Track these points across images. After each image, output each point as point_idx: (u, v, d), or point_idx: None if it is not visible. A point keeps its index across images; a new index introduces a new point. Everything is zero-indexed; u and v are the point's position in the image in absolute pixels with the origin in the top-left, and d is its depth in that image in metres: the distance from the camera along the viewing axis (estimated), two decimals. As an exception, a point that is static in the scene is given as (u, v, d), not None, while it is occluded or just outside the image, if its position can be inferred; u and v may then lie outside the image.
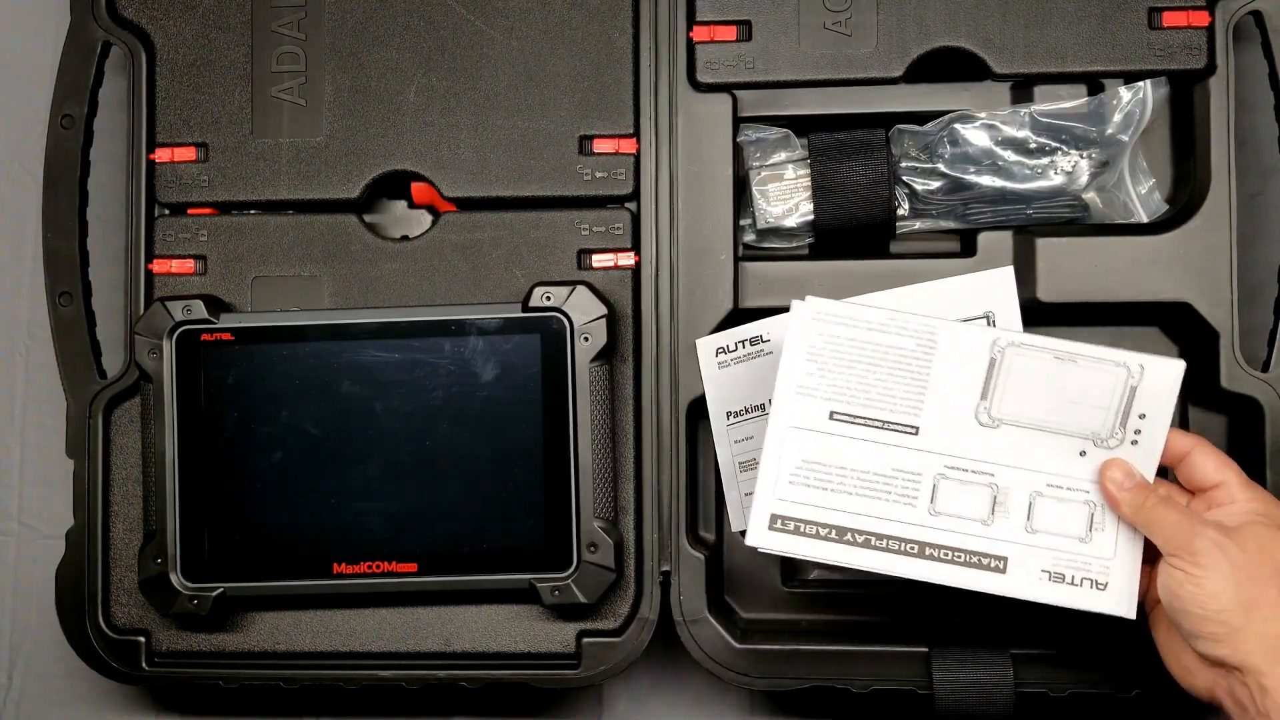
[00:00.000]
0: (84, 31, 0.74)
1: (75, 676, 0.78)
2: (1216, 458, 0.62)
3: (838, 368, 0.63)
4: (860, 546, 0.63)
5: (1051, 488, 0.63)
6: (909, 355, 0.63)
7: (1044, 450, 0.63)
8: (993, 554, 0.63)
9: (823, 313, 0.63)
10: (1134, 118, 0.70)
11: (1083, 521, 0.63)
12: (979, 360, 0.63)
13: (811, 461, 0.63)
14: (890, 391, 0.63)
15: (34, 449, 0.81)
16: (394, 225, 0.76)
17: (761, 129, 0.73)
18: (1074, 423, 0.63)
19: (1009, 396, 0.63)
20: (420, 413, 0.69)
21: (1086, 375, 0.62)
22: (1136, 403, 0.62)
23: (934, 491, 0.63)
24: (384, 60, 0.73)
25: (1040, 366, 0.62)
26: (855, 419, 0.63)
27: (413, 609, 0.72)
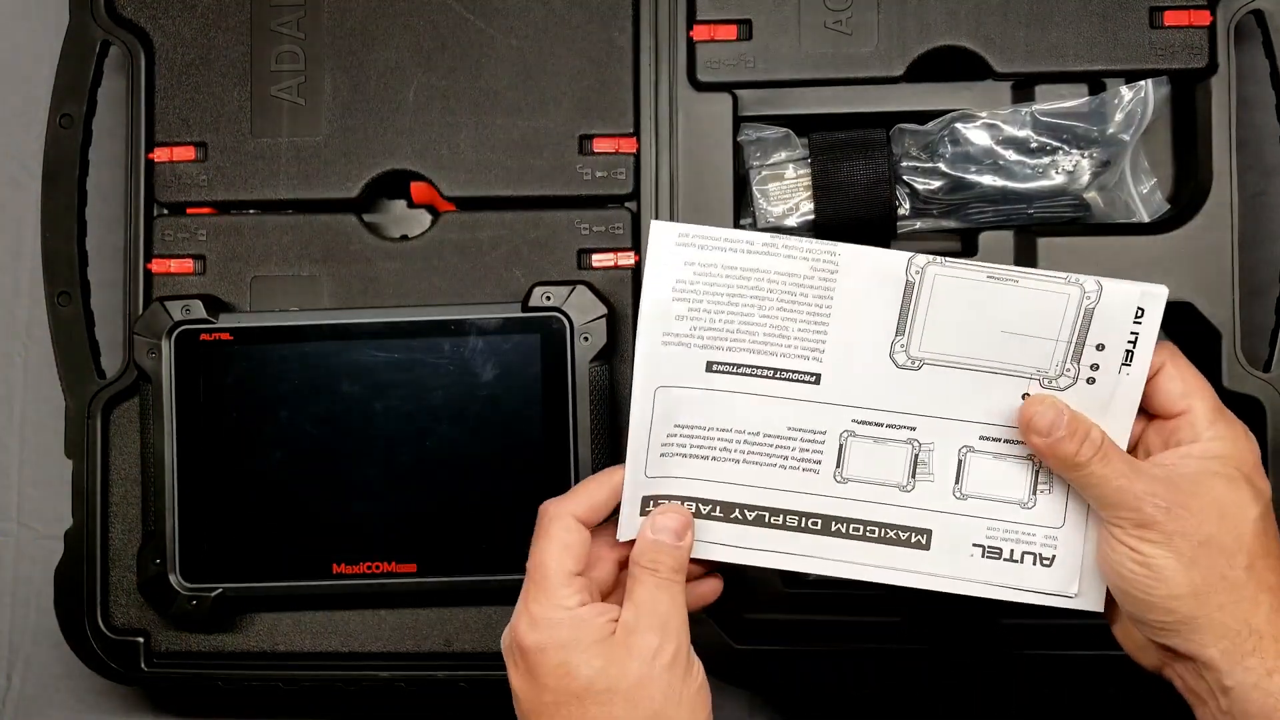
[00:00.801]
0: (83, 31, 0.74)
1: (74, 677, 0.78)
2: (1185, 380, 0.52)
3: (715, 306, 0.51)
4: (750, 525, 0.53)
5: (986, 441, 0.52)
6: (805, 285, 0.51)
7: (977, 395, 0.52)
8: (913, 526, 0.53)
9: (691, 235, 0.51)
10: (1135, 117, 0.70)
11: (1024, 482, 0.53)
12: (893, 286, 0.51)
13: (687, 426, 0.53)
14: (783, 331, 0.52)
15: (33, 449, 0.81)
16: (393, 225, 0.76)
17: (762, 128, 0.73)
18: (1014, 359, 0.51)
19: (931, 330, 0.52)
20: (420, 413, 0.69)
21: (1029, 299, 0.51)
22: (1094, 330, 0.51)
23: (840, 453, 0.53)
24: (384, 60, 0.73)
25: (970, 292, 0.51)
26: (739, 369, 0.52)
27: (413, 609, 0.72)
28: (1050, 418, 0.51)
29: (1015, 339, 0.51)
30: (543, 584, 0.53)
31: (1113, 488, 0.50)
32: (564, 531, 0.54)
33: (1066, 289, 0.51)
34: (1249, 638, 0.49)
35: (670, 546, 0.54)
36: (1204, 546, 0.49)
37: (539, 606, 0.53)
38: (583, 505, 0.55)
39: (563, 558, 0.53)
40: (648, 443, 0.54)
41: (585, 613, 0.53)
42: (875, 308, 0.52)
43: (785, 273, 0.51)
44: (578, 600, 0.53)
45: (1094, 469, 0.50)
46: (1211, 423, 0.51)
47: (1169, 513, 0.49)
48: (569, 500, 0.55)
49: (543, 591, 0.53)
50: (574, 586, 0.53)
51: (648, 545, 0.54)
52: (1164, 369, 0.52)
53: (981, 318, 0.51)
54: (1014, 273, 0.51)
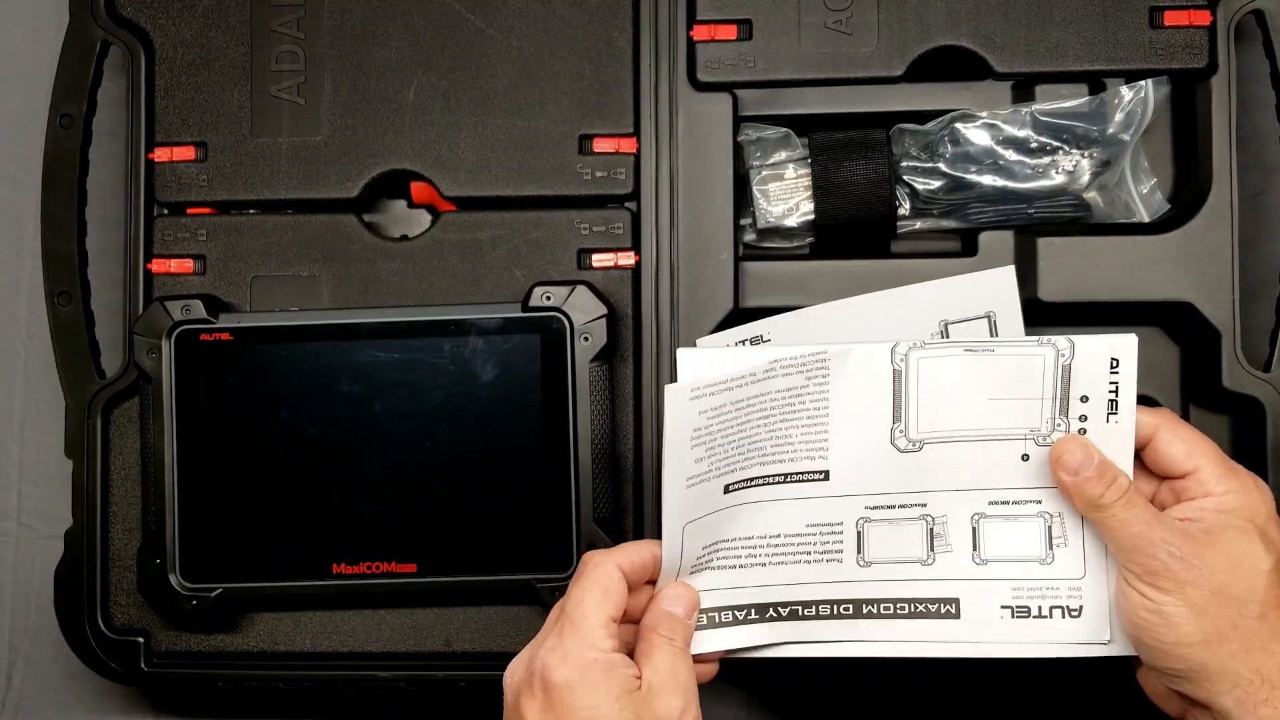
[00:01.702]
0: (83, 31, 0.74)
1: (74, 677, 0.78)
2: (1186, 441, 0.53)
3: (727, 439, 0.54)
4: (786, 620, 0.55)
5: (995, 505, 0.54)
6: (802, 394, 0.54)
7: (979, 464, 0.54)
8: (940, 597, 0.54)
9: (703, 387, 0.54)
10: (1135, 117, 0.70)
11: (1039, 539, 0.54)
12: (882, 378, 0.54)
13: (712, 544, 0.55)
14: (787, 439, 0.54)
15: (33, 449, 0.81)
16: (393, 225, 0.76)
17: (762, 128, 0.73)
18: (1006, 423, 0.53)
19: (925, 411, 0.54)
20: (420, 413, 0.69)
21: (1008, 366, 0.53)
22: (1075, 385, 0.53)
23: (860, 540, 0.55)
24: (384, 60, 0.73)
25: (954, 368, 0.53)
26: (753, 482, 0.55)
27: (413, 609, 0.72)
28: (1080, 457, 0.52)
29: (1004, 404, 0.53)
30: (580, 623, 0.53)
31: (1131, 532, 0.51)
32: (606, 578, 0.55)
33: (1041, 350, 0.53)
34: (1261, 687, 0.50)
35: (682, 620, 0.56)
36: (1215, 595, 0.50)
37: (574, 644, 0.53)
38: (626, 559, 0.56)
39: (604, 601, 0.54)
40: (678, 568, 0.56)
41: (617, 659, 0.53)
42: (870, 400, 0.54)
43: (784, 389, 0.54)
44: (611, 645, 0.53)
45: (1116, 512, 0.51)
46: (1221, 477, 0.52)
47: (1182, 561, 0.50)
48: (615, 552, 0.56)
49: (580, 630, 0.53)
50: (609, 630, 0.54)
51: (664, 616, 0.56)
52: (1158, 434, 0.53)
53: (969, 390, 0.53)
54: (989, 343, 0.53)
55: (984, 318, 0.68)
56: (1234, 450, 0.70)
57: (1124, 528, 0.51)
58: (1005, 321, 0.68)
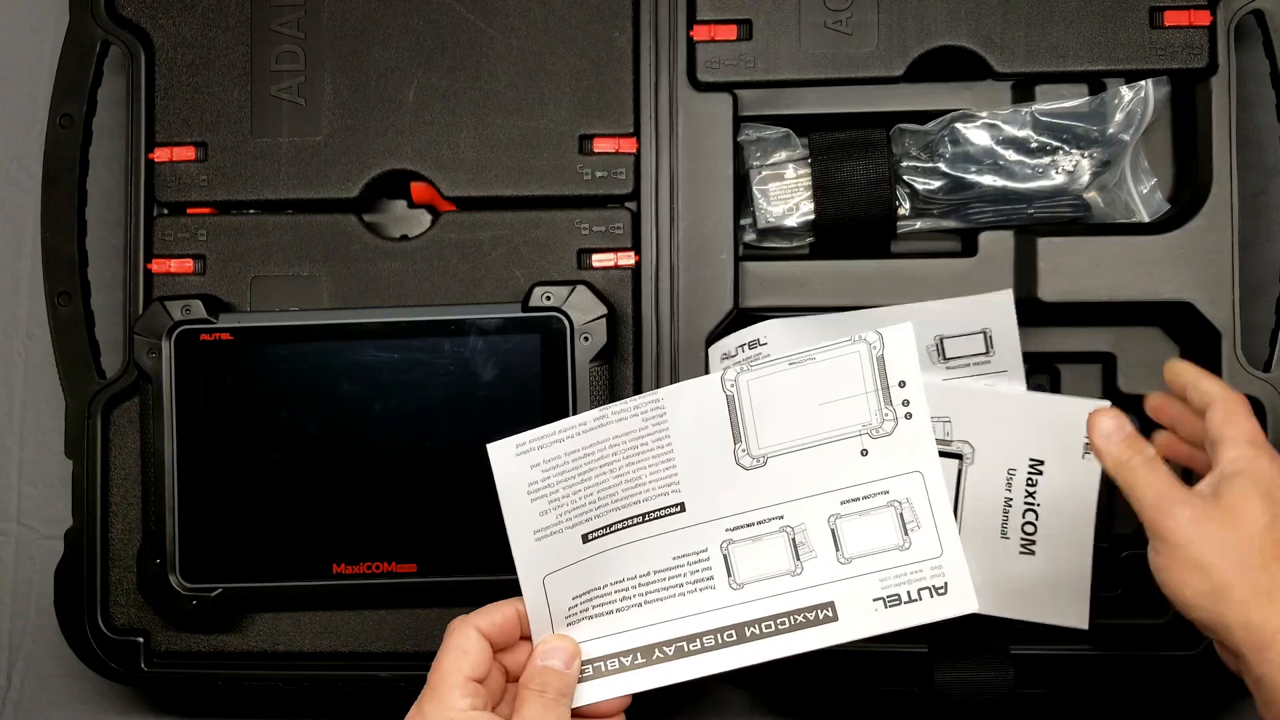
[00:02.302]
0: (83, 31, 0.74)
1: (74, 677, 0.78)
2: (1224, 408, 0.56)
3: (571, 490, 0.56)
4: (672, 659, 0.56)
5: (847, 504, 0.56)
6: (642, 436, 0.56)
7: (823, 467, 0.56)
8: (816, 604, 0.56)
9: (528, 443, 0.57)
10: (1135, 117, 0.70)
11: (894, 527, 0.56)
12: (717, 406, 0.56)
13: (582, 594, 0.57)
14: (638, 481, 0.56)
15: (33, 449, 0.81)
16: (393, 225, 0.76)
17: (762, 128, 0.73)
18: (839, 423, 0.56)
19: (763, 427, 0.56)
20: (420, 413, 0.69)
21: (829, 369, 0.56)
22: (891, 373, 0.55)
23: (727, 562, 0.56)
24: (384, 60, 0.73)
25: (781, 382, 0.56)
26: (611, 528, 0.56)
27: (413, 609, 0.72)
28: (1113, 425, 0.56)
29: (833, 405, 0.56)
30: (438, 686, 0.56)
31: (1154, 492, 0.54)
32: (464, 639, 0.57)
33: (855, 348, 0.55)
34: (1270, 632, 0.52)
35: (558, 672, 0.57)
36: (1219, 547, 0.53)
37: (431, 707, 0.56)
38: (486, 621, 0.58)
39: (460, 661, 0.56)
40: (550, 623, 0.58)
41: (475, 717, 0.55)
42: (708, 428, 0.56)
43: (622, 434, 0.56)
44: (469, 704, 0.56)
45: (1140, 470, 0.55)
46: (1237, 443, 0.55)
47: (1194, 522, 0.53)
48: (475, 616, 0.58)
49: (437, 693, 0.56)
50: (466, 690, 0.56)
51: (537, 671, 0.58)
52: (1213, 408, 0.56)
53: (799, 400, 0.56)
54: (808, 352, 0.56)
55: (979, 333, 0.68)
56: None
57: (1146, 487, 0.54)
58: (1001, 337, 0.68)
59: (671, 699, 0.76)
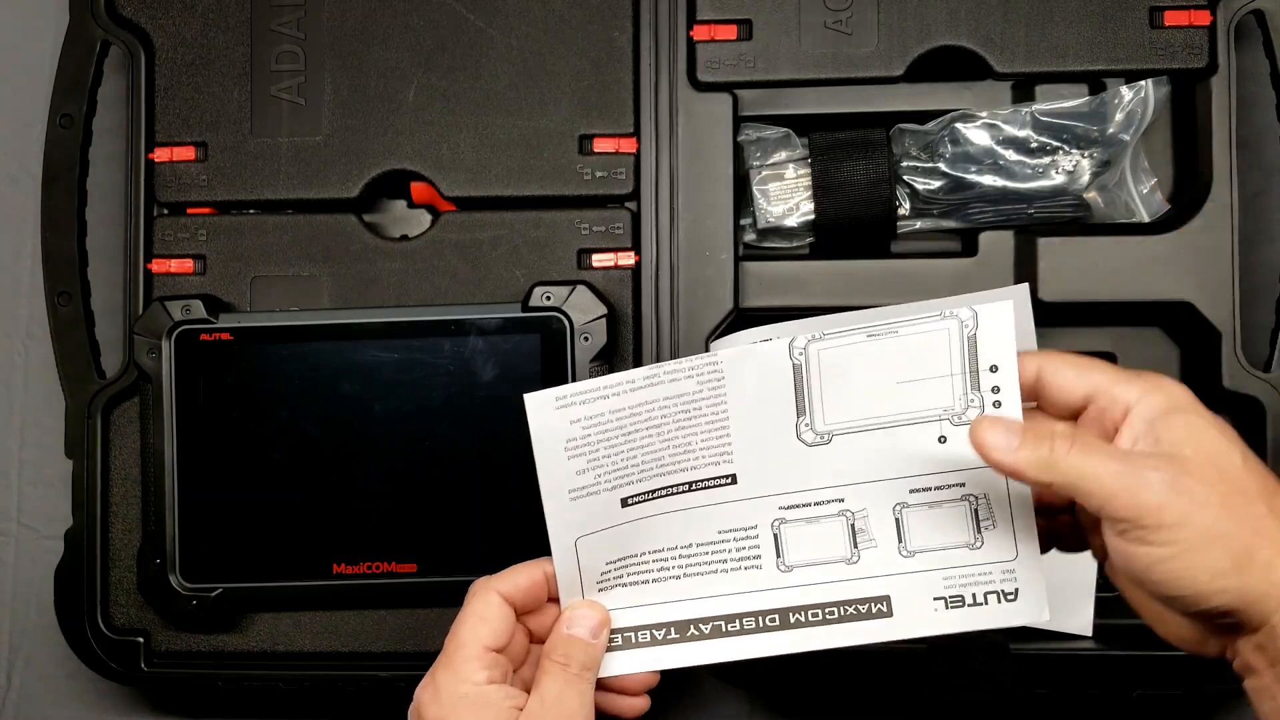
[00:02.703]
0: (83, 31, 0.74)
1: (74, 677, 0.78)
2: (1074, 366, 0.47)
3: (613, 450, 0.52)
4: (709, 638, 0.52)
5: (917, 493, 0.51)
6: (697, 399, 0.52)
7: (894, 451, 0.51)
8: (870, 596, 0.52)
9: (569, 396, 0.52)
10: (1135, 117, 0.70)
11: (966, 524, 0.51)
12: (781, 375, 0.51)
13: (618, 560, 0.53)
14: (688, 447, 0.52)
15: (33, 449, 0.81)
16: (393, 225, 0.76)
17: (762, 128, 0.73)
18: (917, 405, 0.50)
19: (830, 402, 0.51)
20: (420, 413, 0.69)
21: (912, 345, 0.50)
22: (983, 355, 0.49)
23: (777, 542, 0.52)
24: (384, 60, 0.73)
25: (856, 355, 0.50)
26: (655, 494, 0.52)
27: (413, 609, 0.72)
28: (1001, 432, 0.46)
29: (913, 385, 0.50)
30: (453, 655, 0.52)
31: (1107, 476, 0.44)
32: (484, 606, 0.53)
33: (945, 324, 0.49)
34: None
35: (584, 643, 0.53)
36: (1225, 507, 0.43)
37: (445, 677, 0.52)
38: (510, 584, 0.54)
39: (479, 629, 0.52)
40: (580, 587, 0.54)
41: (491, 692, 0.51)
42: (770, 398, 0.51)
43: (674, 396, 0.52)
44: (485, 677, 0.52)
45: (1076, 463, 0.44)
46: (1129, 382, 0.45)
47: (1173, 488, 0.43)
48: (498, 578, 0.54)
49: (452, 663, 0.52)
50: (484, 661, 0.52)
51: (561, 639, 0.53)
52: (1042, 371, 0.48)
53: (875, 376, 0.50)
54: (892, 324, 0.50)
55: None
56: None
57: (1094, 477, 0.44)
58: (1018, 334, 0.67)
59: (672, 699, 0.77)
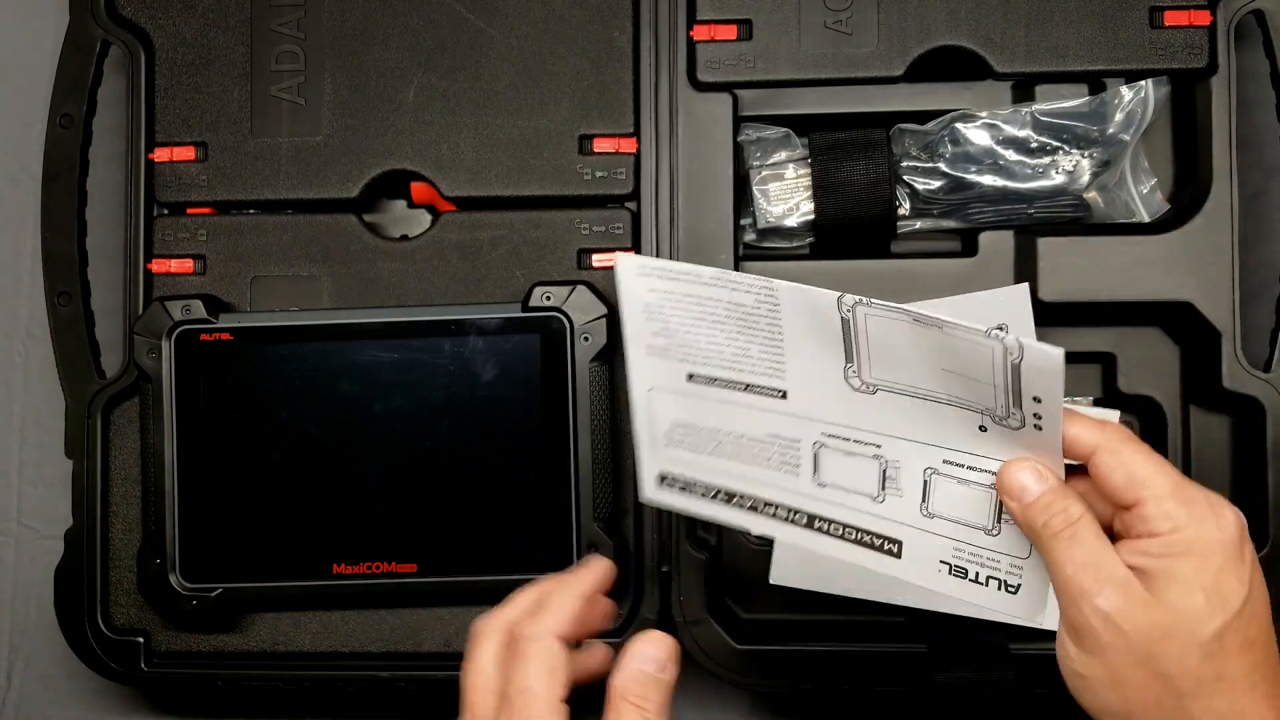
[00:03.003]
0: (83, 31, 0.74)
1: (74, 677, 0.78)
2: (1127, 467, 0.46)
3: (683, 327, 0.55)
4: (749, 511, 0.56)
5: (950, 465, 0.52)
6: (754, 314, 0.54)
7: (935, 422, 0.52)
8: (885, 535, 0.54)
9: (649, 267, 0.55)
10: (1135, 117, 0.70)
11: (988, 510, 0.52)
12: (831, 321, 0.52)
13: (683, 424, 0.56)
14: (746, 352, 0.54)
15: (33, 449, 0.81)
16: (394, 225, 0.76)
17: (762, 128, 0.73)
18: (962, 393, 0.51)
19: (876, 361, 0.52)
20: (420, 413, 0.69)
21: (959, 345, 0.50)
22: (1027, 385, 0.49)
23: (816, 460, 0.55)
24: (384, 60, 0.73)
25: (901, 332, 0.51)
26: (715, 381, 0.55)
27: (413, 609, 0.72)
28: (1024, 481, 0.48)
29: (957, 377, 0.51)
30: (527, 711, 0.50)
31: (1064, 575, 0.46)
32: (549, 655, 0.51)
33: (990, 343, 0.49)
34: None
35: (657, 679, 0.51)
36: (1139, 666, 0.44)
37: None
38: (559, 624, 0.52)
39: (552, 685, 0.50)
40: (651, 432, 0.57)
41: None
42: (822, 337, 0.53)
43: (735, 303, 0.54)
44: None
45: (1055, 547, 0.46)
46: (1168, 515, 0.45)
47: (1106, 622, 0.44)
48: (546, 618, 0.52)
49: (530, 717, 0.50)
50: (559, 713, 0.50)
51: (635, 676, 0.51)
52: (1095, 457, 0.47)
53: (920, 355, 0.51)
54: (938, 320, 0.50)
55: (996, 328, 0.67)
56: (1234, 451, 0.70)
57: (1058, 569, 0.46)
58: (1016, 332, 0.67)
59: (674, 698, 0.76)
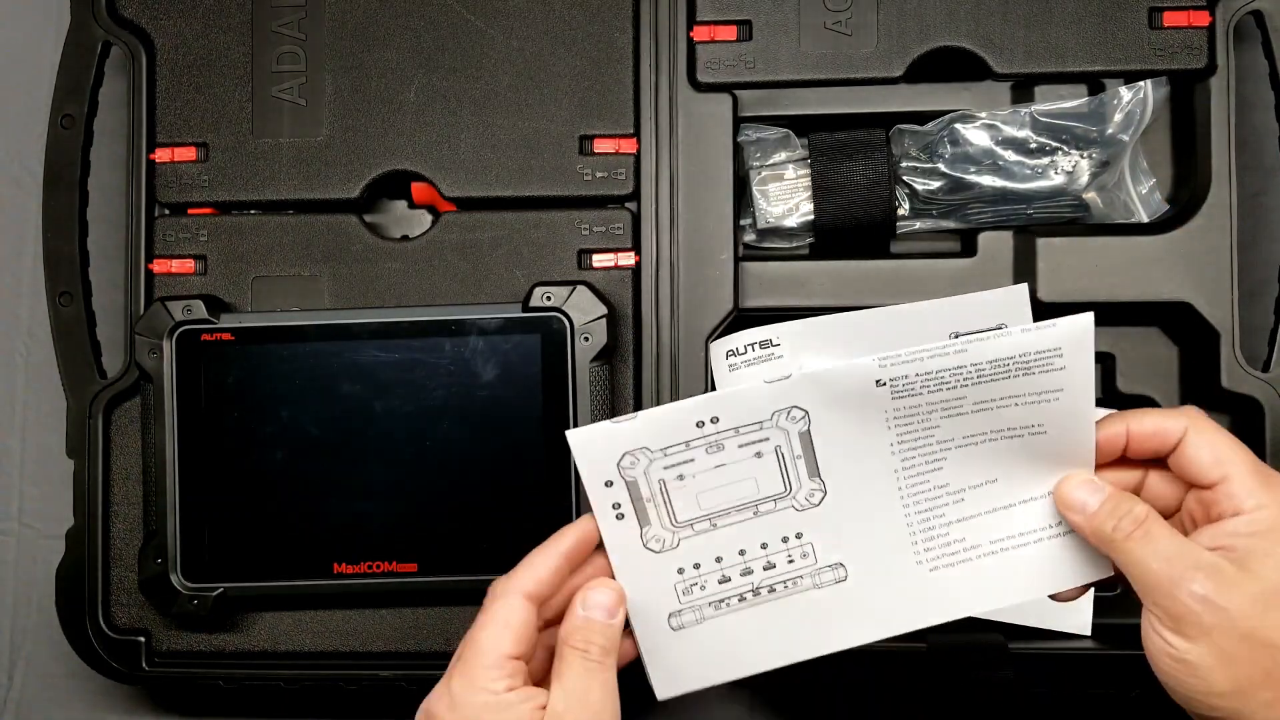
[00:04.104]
0: (84, 31, 0.74)
1: (75, 676, 0.78)
2: (1214, 447, 0.48)
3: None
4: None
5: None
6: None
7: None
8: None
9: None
10: (1134, 117, 0.70)
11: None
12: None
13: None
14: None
15: (34, 449, 0.81)
16: (394, 225, 0.76)
17: (762, 129, 0.73)
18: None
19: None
20: (420, 413, 0.69)
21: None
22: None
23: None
24: (384, 60, 0.73)
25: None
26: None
27: (413, 609, 0.72)
28: (1084, 494, 0.49)
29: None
30: (471, 662, 0.50)
31: (1150, 570, 0.46)
32: (508, 611, 0.51)
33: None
34: None
35: (602, 625, 0.52)
36: (1246, 641, 0.45)
37: (461, 686, 0.50)
38: (529, 580, 0.52)
39: (500, 637, 0.51)
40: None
41: (511, 698, 0.50)
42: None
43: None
44: (505, 685, 0.50)
45: (1131, 548, 0.47)
46: (1253, 491, 0.46)
47: (1206, 603, 0.45)
48: (516, 576, 0.53)
49: (470, 671, 0.50)
50: (505, 670, 0.50)
51: (579, 624, 0.52)
52: (1186, 438, 0.48)
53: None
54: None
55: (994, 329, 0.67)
56: (1233, 450, 0.70)
57: (1141, 566, 0.47)
58: None
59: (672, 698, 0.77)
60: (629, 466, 0.54)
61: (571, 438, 0.53)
